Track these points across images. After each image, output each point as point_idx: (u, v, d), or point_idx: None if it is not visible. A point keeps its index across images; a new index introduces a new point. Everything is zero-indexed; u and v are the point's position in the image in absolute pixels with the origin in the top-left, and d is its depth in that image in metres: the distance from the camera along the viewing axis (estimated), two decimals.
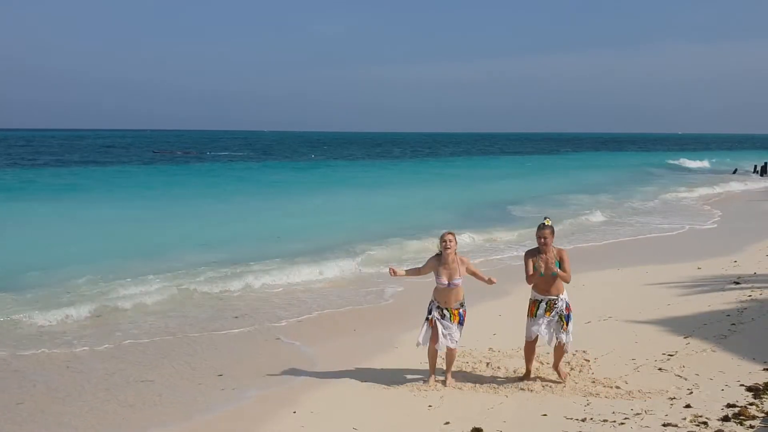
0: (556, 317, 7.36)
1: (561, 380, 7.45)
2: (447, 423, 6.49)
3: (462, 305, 7.51)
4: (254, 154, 75.56)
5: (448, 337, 7.41)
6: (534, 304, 7.46)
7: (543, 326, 7.36)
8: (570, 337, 7.42)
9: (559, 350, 7.46)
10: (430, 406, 6.96)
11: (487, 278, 7.54)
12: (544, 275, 7.31)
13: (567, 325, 7.38)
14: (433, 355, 7.57)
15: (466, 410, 6.79)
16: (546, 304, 7.38)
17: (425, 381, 7.57)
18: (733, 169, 50.36)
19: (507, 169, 53.25)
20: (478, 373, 7.90)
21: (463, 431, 6.25)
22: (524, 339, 7.58)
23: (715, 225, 21.29)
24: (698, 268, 13.74)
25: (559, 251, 7.35)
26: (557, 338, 7.38)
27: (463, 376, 7.77)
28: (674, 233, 19.63)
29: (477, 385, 7.51)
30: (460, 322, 7.49)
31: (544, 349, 8.25)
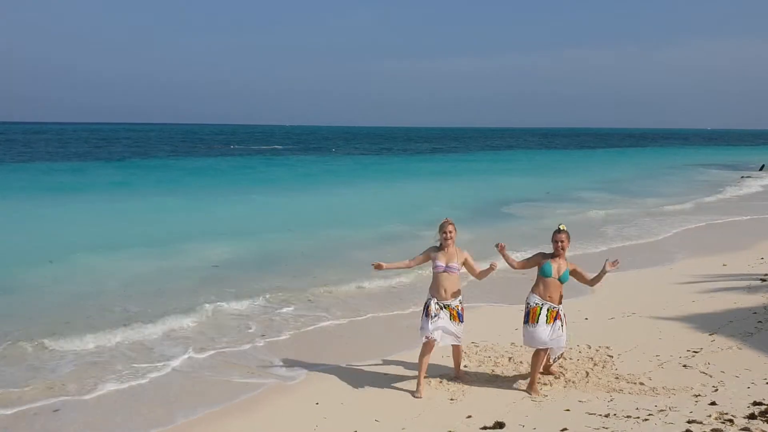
0: (558, 325, 7.11)
1: (555, 375, 7.45)
2: (469, 417, 6.50)
3: (460, 301, 7.27)
4: (280, 149, 75.93)
5: (451, 336, 7.21)
6: (535, 310, 7.11)
7: (548, 335, 7.08)
8: (563, 342, 7.23)
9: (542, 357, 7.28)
10: (452, 399, 6.98)
11: (486, 269, 7.15)
12: (551, 278, 7.11)
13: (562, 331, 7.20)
14: (425, 361, 7.20)
15: (489, 404, 6.80)
16: (548, 311, 7.09)
17: (414, 393, 7.15)
18: (761, 165, 49.42)
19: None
20: (501, 367, 7.89)
21: (485, 425, 6.26)
22: (535, 345, 7.19)
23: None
24: (724, 265, 13.58)
25: (572, 264, 7.17)
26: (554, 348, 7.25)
27: (485, 371, 7.77)
28: (696, 226, 19.41)
29: (499, 379, 7.51)
30: (460, 320, 7.26)
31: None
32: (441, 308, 7.20)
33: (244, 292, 11.57)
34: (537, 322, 7.08)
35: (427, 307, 7.25)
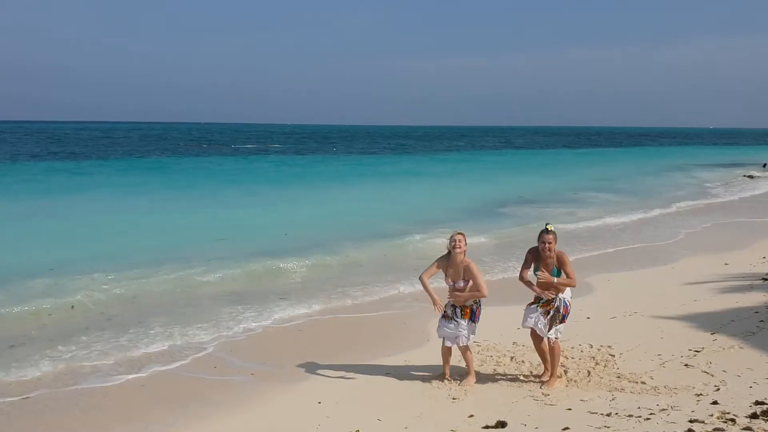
0: (552, 313, 7.20)
1: (548, 388, 7.15)
2: (471, 416, 6.50)
3: (476, 302, 7.34)
4: (280, 148, 75.99)
5: (459, 337, 7.29)
6: (535, 300, 7.41)
7: (540, 319, 7.21)
8: (557, 334, 7.21)
9: (552, 353, 7.27)
10: (454, 399, 6.99)
11: (477, 292, 7.23)
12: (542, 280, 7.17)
13: (560, 322, 7.20)
14: (446, 353, 7.52)
15: (491, 403, 6.80)
16: (544, 301, 7.27)
17: (439, 379, 7.53)
18: (763, 164, 49.35)
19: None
20: (503, 367, 7.90)
21: (488, 424, 6.26)
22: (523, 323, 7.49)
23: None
24: (725, 264, 13.58)
25: (559, 254, 7.17)
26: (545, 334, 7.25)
27: (488, 370, 7.78)
28: (702, 227, 19.37)
29: (501, 378, 7.52)
30: (472, 319, 7.31)
31: (567, 345, 8.25)
32: (455, 308, 7.36)
33: (244, 291, 11.61)
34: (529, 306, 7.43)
35: (445, 309, 7.44)
